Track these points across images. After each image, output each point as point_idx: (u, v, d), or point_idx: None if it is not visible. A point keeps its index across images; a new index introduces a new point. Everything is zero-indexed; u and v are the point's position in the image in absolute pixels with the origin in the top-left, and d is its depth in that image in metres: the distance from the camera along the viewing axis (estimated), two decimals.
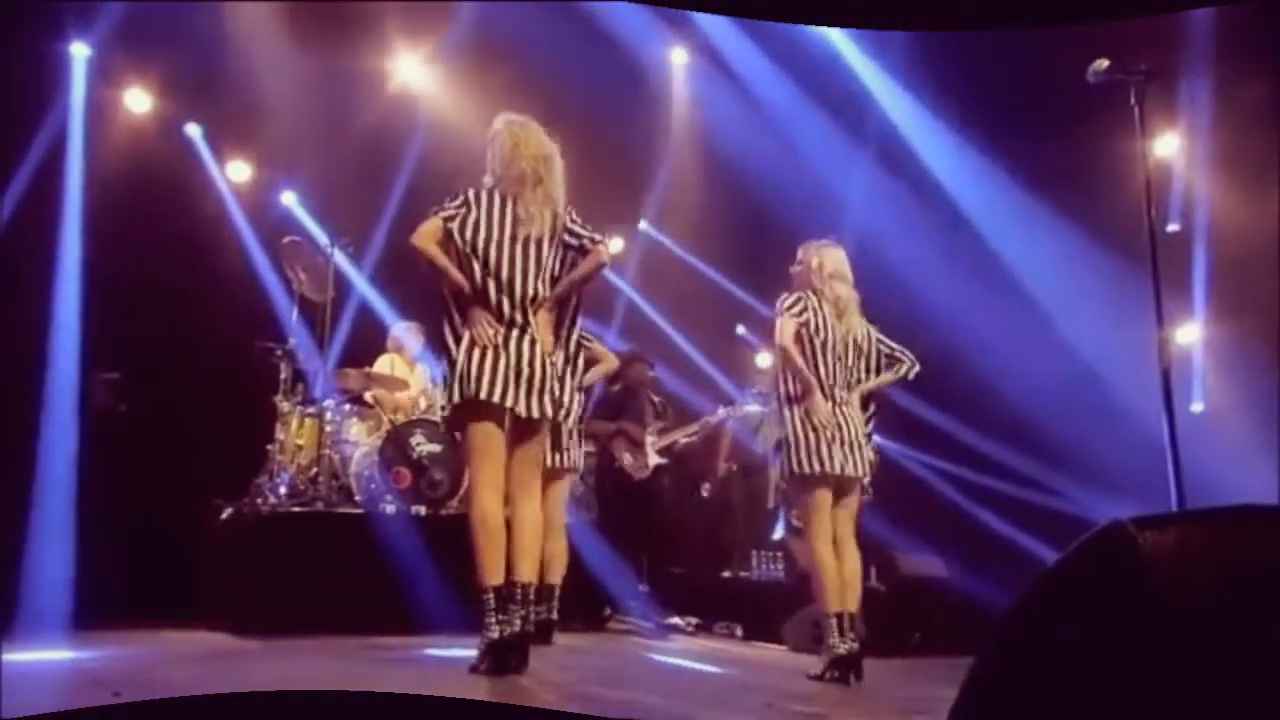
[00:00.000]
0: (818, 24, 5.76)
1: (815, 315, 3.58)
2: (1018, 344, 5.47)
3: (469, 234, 3.14)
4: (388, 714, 2.27)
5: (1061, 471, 5.48)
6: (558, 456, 4.15)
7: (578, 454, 4.35)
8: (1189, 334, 5.69)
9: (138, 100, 6.04)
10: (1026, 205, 5.60)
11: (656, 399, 5.86)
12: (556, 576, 4.25)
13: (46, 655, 3.20)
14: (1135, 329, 3.14)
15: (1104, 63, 2.76)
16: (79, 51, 5.71)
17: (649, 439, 5.63)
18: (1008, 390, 5.42)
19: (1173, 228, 5.43)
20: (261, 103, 5.87)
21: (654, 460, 5.58)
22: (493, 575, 2.98)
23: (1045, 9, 3.59)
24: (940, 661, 3.48)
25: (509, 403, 3.03)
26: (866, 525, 3.67)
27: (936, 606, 4.10)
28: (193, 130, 6.36)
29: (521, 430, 3.13)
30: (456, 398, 3.07)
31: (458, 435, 3.26)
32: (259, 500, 4.72)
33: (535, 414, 3.08)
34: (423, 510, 4.80)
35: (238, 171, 6.46)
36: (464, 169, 5.85)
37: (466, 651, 3.10)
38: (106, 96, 5.86)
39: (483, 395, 3.01)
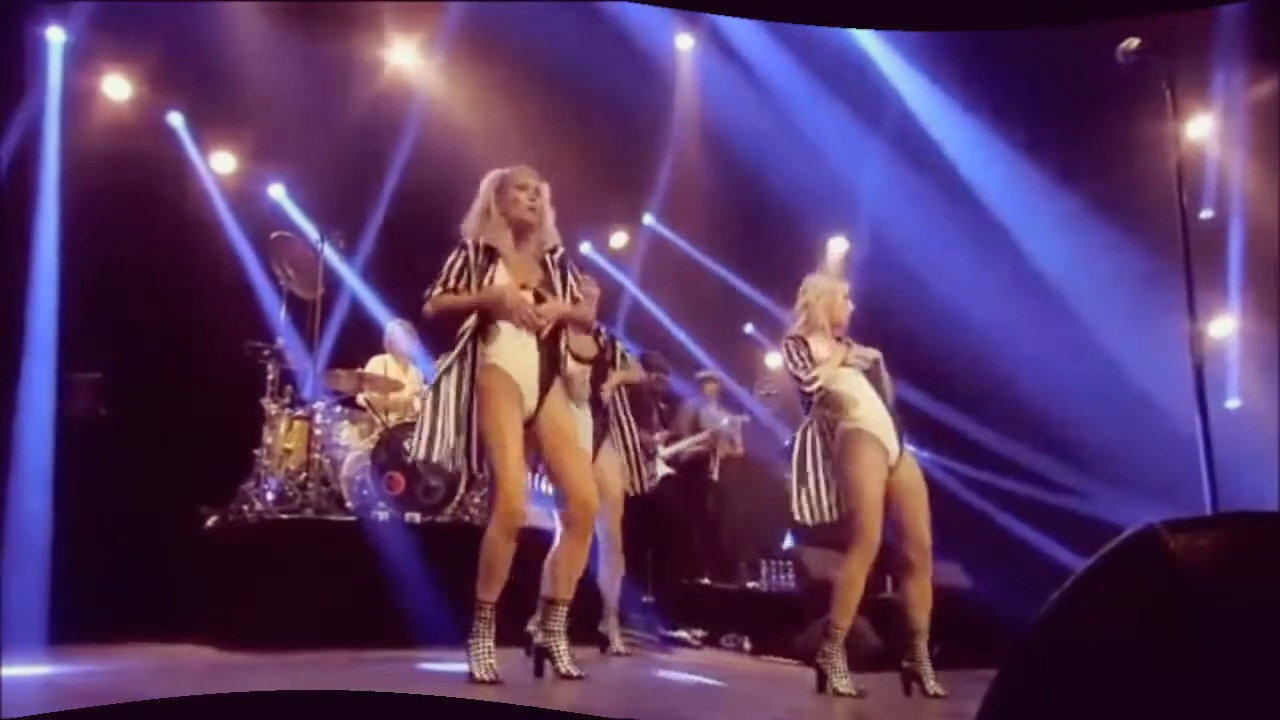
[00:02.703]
0: (824, 25, 5.76)
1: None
2: (1041, 339, 5.45)
3: None
4: (387, 714, 2.29)
5: (1088, 473, 5.46)
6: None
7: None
8: (1223, 327, 5.66)
9: (117, 87, 6.04)
10: (1051, 192, 5.58)
11: (662, 407, 5.87)
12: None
13: (23, 671, 3.20)
14: (1166, 322, 3.12)
15: (1134, 42, 2.74)
16: (55, 36, 5.71)
17: (657, 446, 5.65)
18: (1031, 388, 5.40)
19: (1206, 214, 5.40)
20: (247, 90, 5.87)
21: (662, 470, 5.60)
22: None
23: (1047, 9, 3.59)
24: (961, 674, 3.47)
25: None
26: (885, 530, 3.66)
27: (957, 617, 4.08)
28: (175, 119, 6.36)
29: None
30: None
31: None
32: (245, 507, 4.72)
33: None
34: (417, 518, 4.80)
35: (223, 163, 6.46)
36: (461, 160, 5.88)
37: (463, 665, 3.09)
38: (84, 83, 5.86)
39: None
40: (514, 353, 3.15)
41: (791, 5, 4.42)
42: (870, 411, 3.53)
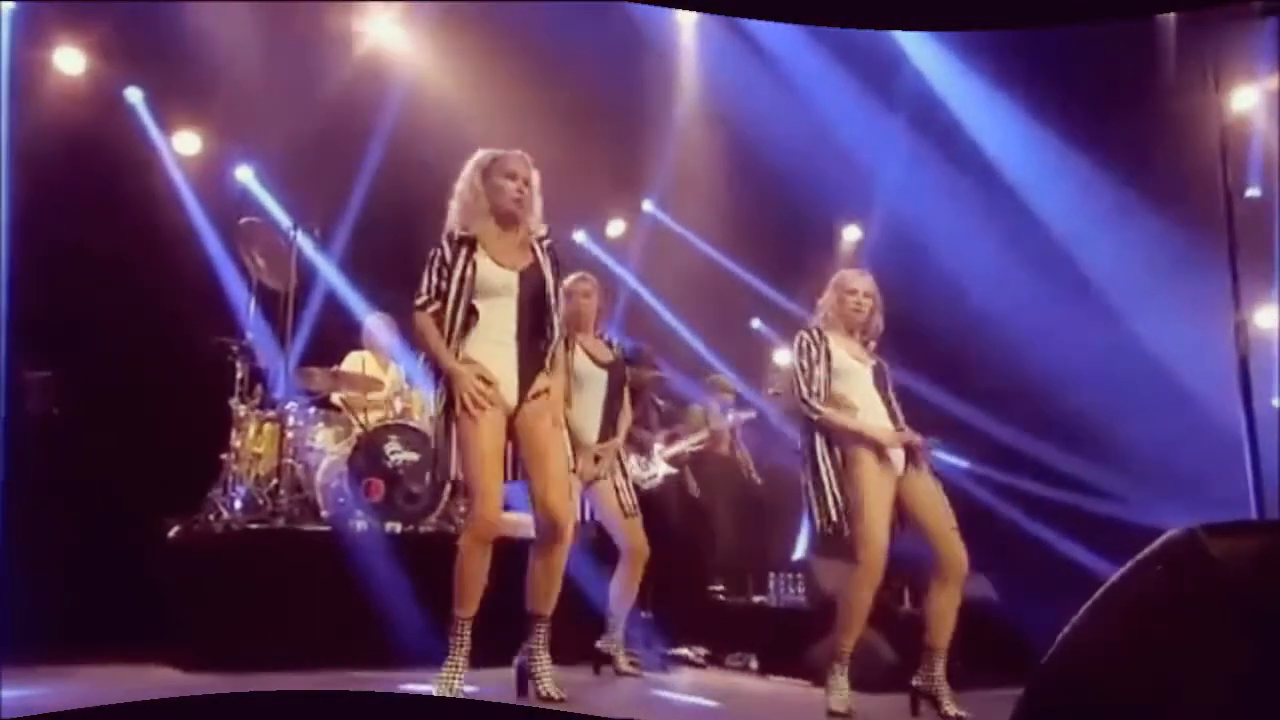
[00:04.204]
0: (825, 25, 5.77)
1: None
2: (1072, 331, 5.44)
3: None
4: (387, 714, 2.42)
5: (1123, 475, 5.46)
6: None
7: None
8: (1271, 317, 5.65)
9: (70, 60, 6.01)
10: (1080, 170, 5.56)
11: (661, 404, 5.86)
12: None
13: None
14: (1209, 310, 3.11)
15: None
16: (1, 5, 5.69)
17: (657, 446, 5.64)
18: (1061, 384, 5.39)
19: (1252, 193, 5.38)
20: (213, 64, 5.85)
21: (663, 470, 5.60)
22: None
23: (1040, 9, 3.64)
24: (985, 694, 3.47)
25: None
26: (901, 541, 3.68)
27: (982, 632, 4.09)
28: (133, 95, 6.34)
29: None
30: None
31: None
32: (211, 516, 4.71)
33: None
34: (398, 527, 4.80)
35: (186, 143, 6.45)
36: (446, 141, 5.86)
37: None
38: (34, 56, 5.82)
39: None
40: (492, 349, 3.23)
41: (797, 5, 4.45)
42: (871, 419, 3.55)
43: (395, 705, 2.43)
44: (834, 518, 3.51)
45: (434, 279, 3.25)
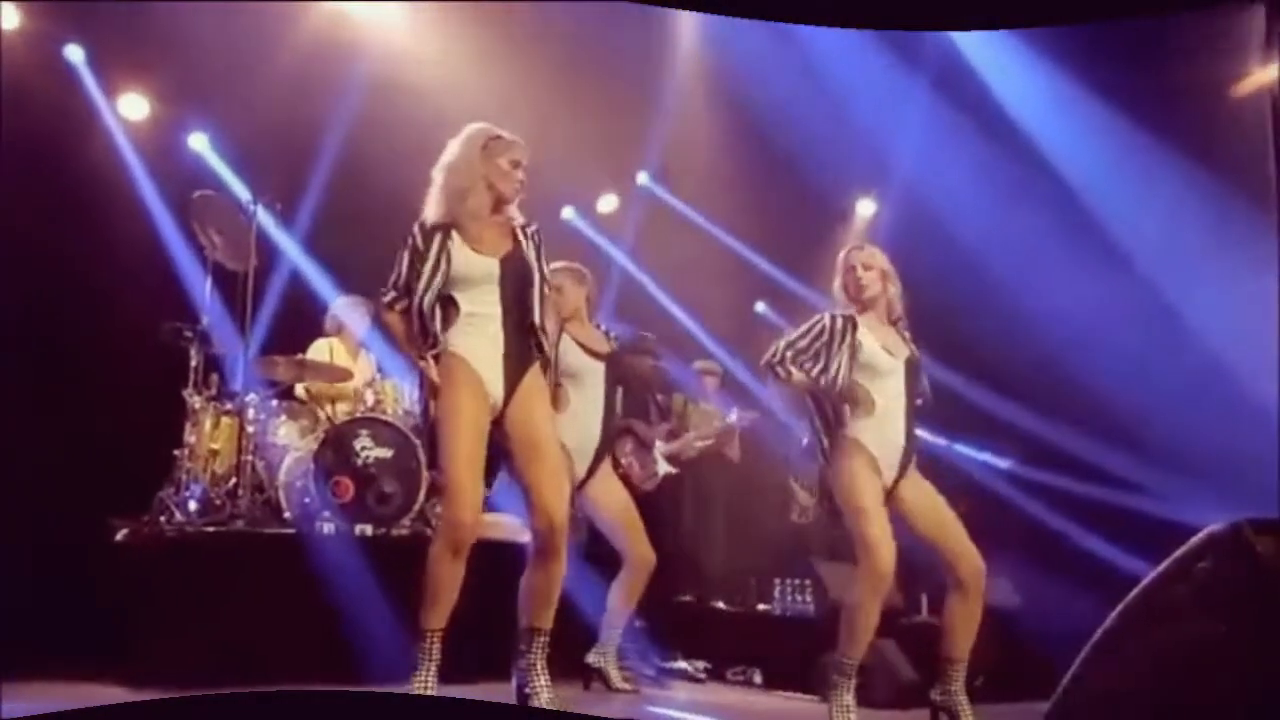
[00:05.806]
0: (824, 24, 5.79)
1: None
2: (1109, 315, 5.45)
3: None
4: (386, 713, 2.51)
5: (1161, 467, 5.47)
6: None
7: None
8: None
9: (2, 14, 5.97)
10: (1121, 139, 5.55)
11: (660, 398, 5.88)
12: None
13: None
14: (1257, 287, 3.11)
15: None
16: None
17: (657, 444, 5.67)
18: (1098, 373, 5.40)
19: None
20: (163, 19, 5.82)
21: (663, 468, 5.62)
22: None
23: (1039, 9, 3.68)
24: (1010, 708, 3.49)
25: None
26: (917, 545, 3.69)
27: (1007, 642, 4.11)
28: (74, 54, 6.30)
29: None
30: None
31: None
32: (163, 518, 4.72)
33: None
34: (369, 530, 4.82)
35: (133, 107, 6.40)
36: (420, 107, 5.86)
37: None
38: None
39: None
40: (475, 340, 3.24)
41: (799, 4, 4.49)
42: (876, 423, 3.54)
43: (395, 704, 2.47)
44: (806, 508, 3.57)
45: (403, 272, 3.27)
